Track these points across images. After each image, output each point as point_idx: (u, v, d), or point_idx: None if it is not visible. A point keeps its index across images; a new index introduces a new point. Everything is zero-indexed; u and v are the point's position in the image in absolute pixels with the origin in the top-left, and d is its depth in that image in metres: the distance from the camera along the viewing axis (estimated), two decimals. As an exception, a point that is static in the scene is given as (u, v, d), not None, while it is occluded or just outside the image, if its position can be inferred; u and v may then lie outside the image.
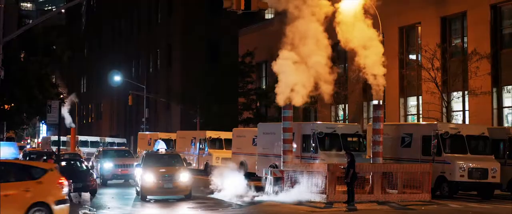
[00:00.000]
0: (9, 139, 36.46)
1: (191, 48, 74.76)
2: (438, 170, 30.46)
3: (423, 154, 31.68)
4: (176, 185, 28.86)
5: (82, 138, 78.54)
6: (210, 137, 49.30)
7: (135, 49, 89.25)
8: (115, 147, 57.67)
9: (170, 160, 30.80)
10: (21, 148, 72.96)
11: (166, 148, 32.26)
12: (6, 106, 35.60)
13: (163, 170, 29.21)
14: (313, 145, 34.22)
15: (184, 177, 29.09)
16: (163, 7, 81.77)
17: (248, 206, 26.95)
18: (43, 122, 50.45)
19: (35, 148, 76.52)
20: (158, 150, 31.69)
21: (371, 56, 31.07)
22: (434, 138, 30.84)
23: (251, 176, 37.71)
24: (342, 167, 27.68)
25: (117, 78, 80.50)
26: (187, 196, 29.12)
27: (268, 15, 70.07)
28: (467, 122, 40.78)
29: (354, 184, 27.37)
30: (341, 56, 47.31)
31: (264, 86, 60.31)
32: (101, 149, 43.22)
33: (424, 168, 29.37)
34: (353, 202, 26.88)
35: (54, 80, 44.13)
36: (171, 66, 79.19)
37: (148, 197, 29.14)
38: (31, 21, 41.33)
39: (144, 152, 32.81)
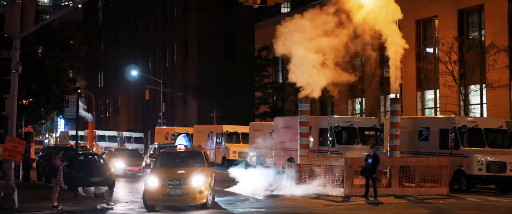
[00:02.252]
0: (27, 134, 36.58)
1: (208, 43, 74.93)
2: (456, 163, 30.34)
3: (441, 147, 31.57)
4: (186, 191, 23.09)
5: (99, 132, 78.86)
6: (227, 131, 49.51)
7: (152, 44, 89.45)
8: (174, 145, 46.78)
9: (189, 159, 25.28)
10: (40, 142, 73.67)
11: (186, 144, 26.31)
12: (24, 101, 35.82)
13: (176, 171, 24.01)
14: (330, 138, 34.21)
15: (197, 181, 23.27)
16: (179, 2, 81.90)
17: (266, 200, 26.98)
18: (61, 116, 50.59)
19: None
20: (176, 146, 26.30)
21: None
22: (452, 131, 30.71)
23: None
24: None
25: (134, 72, 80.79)
26: (202, 205, 23.54)
27: (284, 9, 70.06)
28: (485, 115, 40.58)
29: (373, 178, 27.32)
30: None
31: (280, 80, 60.30)
32: (156, 147, 35.60)
33: (441, 162, 29.28)
34: (377, 197, 26.64)
35: (71, 75, 44.22)
36: (188, 61, 79.33)
37: (156, 205, 23.72)
38: (48, 16, 41.51)
39: (161, 149, 28.22)
